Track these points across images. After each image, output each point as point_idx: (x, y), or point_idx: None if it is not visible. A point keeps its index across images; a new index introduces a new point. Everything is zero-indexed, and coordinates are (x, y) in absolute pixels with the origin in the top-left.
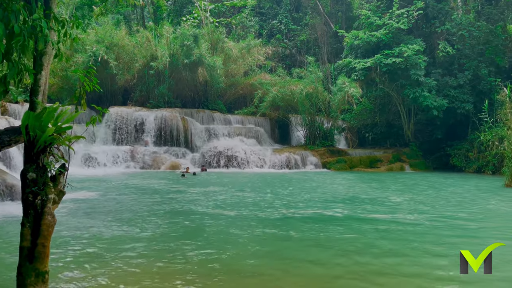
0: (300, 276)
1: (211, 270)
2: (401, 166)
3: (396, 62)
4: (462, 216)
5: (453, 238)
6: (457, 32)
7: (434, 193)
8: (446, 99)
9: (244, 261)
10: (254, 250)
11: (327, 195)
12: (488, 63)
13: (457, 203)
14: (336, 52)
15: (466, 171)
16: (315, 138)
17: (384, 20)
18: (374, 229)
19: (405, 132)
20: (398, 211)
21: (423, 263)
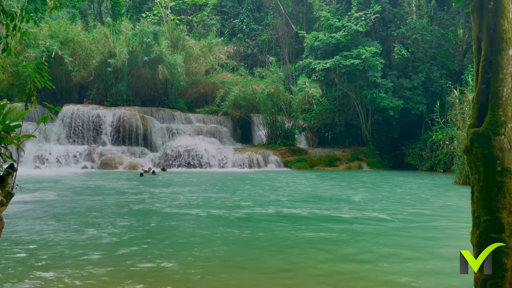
0: (262, 274)
1: (163, 276)
2: (359, 165)
3: (355, 64)
4: (426, 212)
5: (423, 234)
6: (411, 35)
7: (393, 191)
8: (401, 100)
9: (200, 263)
10: (217, 251)
11: (291, 194)
12: (439, 66)
13: (416, 200)
14: (297, 52)
15: (419, 169)
16: (276, 138)
17: (343, 22)
18: (341, 227)
19: (363, 132)
20: (363, 209)
21: (401, 261)
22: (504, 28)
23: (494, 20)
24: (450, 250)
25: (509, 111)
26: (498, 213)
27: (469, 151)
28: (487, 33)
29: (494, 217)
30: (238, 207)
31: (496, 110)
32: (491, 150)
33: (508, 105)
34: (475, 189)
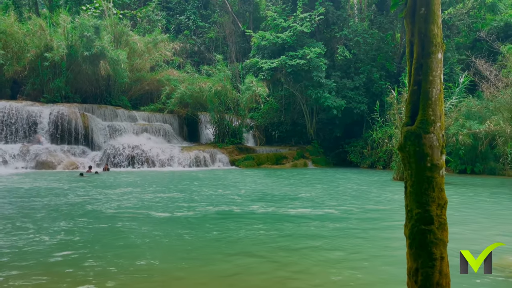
0: (209, 273)
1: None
2: (305, 163)
3: (300, 64)
4: (372, 207)
5: (374, 227)
6: (353, 38)
7: (338, 187)
8: (344, 100)
9: (146, 268)
10: (163, 254)
11: (241, 192)
12: (379, 68)
13: (360, 195)
14: (244, 51)
15: (361, 167)
16: (224, 136)
17: (289, 22)
18: (295, 224)
19: (308, 131)
20: (314, 206)
21: (359, 258)
22: (434, 33)
23: (425, 25)
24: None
25: (438, 111)
26: (428, 206)
27: (403, 149)
28: (419, 38)
29: (424, 210)
30: (188, 207)
31: (427, 110)
32: (422, 147)
33: (437, 105)
34: (408, 184)
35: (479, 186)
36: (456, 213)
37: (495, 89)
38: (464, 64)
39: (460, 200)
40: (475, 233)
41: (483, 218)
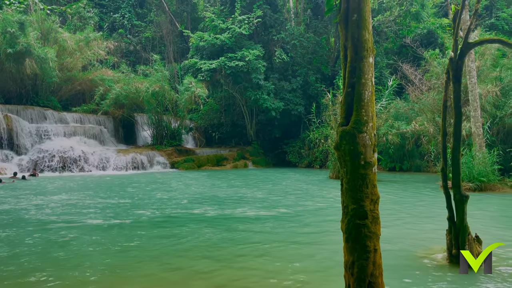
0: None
1: None
2: (245, 163)
3: (239, 66)
4: (310, 204)
5: (316, 222)
6: (290, 41)
7: (280, 187)
8: (282, 101)
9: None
10: (99, 260)
11: (185, 195)
12: (315, 71)
13: (301, 194)
14: (182, 51)
15: (299, 166)
16: (162, 138)
17: (227, 24)
18: (243, 225)
19: (248, 132)
20: (258, 206)
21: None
22: (365, 38)
23: (357, 31)
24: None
25: (370, 112)
26: (363, 202)
27: (338, 148)
28: (352, 42)
29: (359, 206)
30: (128, 213)
31: (360, 110)
32: (356, 146)
33: (369, 106)
34: (344, 181)
35: (407, 182)
36: (390, 207)
37: (420, 92)
38: (392, 68)
39: (392, 195)
40: (407, 225)
41: (412, 211)
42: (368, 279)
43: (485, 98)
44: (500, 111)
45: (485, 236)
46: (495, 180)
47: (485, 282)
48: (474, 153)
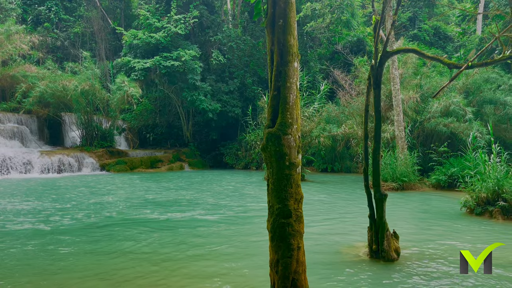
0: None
1: None
2: (181, 166)
3: (175, 66)
4: (250, 205)
5: (252, 223)
6: (227, 43)
7: (217, 188)
8: (219, 103)
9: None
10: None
11: (114, 199)
12: (252, 73)
13: (238, 195)
14: (115, 49)
15: (236, 168)
16: (92, 139)
17: (162, 23)
18: (180, 228)
19: (184, 133)
20: (193, 209)
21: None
22: (290, 43)
23: (283, 36)
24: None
25: (294, 115)
26: (287, 201)
27: (265, 149)
28: (278, 47)
29: (284, 205)
30: (57, 218)
31: (285, 113)
32: (281, 147)
33: (294, 109)
34: (270, 181)
35: (337, 182)
36: (319, 206)
37: (350, 96)
38: (325, 73)
39: (322, 195)
40: (338, 220)
41: (339, 209)
42: (292, 276)
43: (407, 103)
44: (420, 116)
45: (402, 231)
46: (415, 180)
47: (402, 273)
48: (397, 154)
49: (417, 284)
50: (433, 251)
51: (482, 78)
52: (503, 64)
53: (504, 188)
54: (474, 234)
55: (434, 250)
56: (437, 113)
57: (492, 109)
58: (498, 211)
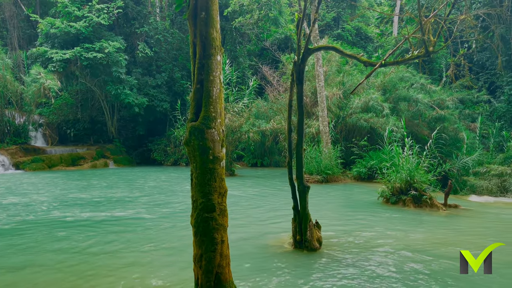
0: None
1: None
2: (105, 163)
3: (97, 57)
4: (176, 202)
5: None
6: (154, 35)
7: (144, 186)
8: (146, 97)
9: None
10: None
11: (36, 198)
12: (181, 67)
13: (168, 192)
14: (29, 38)
15: (165, 164)
16: (4, 135)
17: (83, 12)
18: (104, 228)
19: (109, 129)
20: (123, 207)
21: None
22: (213, 36)
23: (205, 29)
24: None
25: (218, 108)
26: (211, 196)
27: (188, 143)
28: (200, 40)
29: (207, 199)
30: None
31: (208, 107)
32: (205, 141)
33: (218, 103)
34: (194, 176)
35: (266, 176)
36: (248, 200)
37: (277, 92)
38: (254, 69)
39: (251, 189)
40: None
41: (267, 203)
42: (216, 270)
43: (331, 100)
44: (343, 112)
45: (325, 221)
46: (338, 172)
47: (324, 261)
48: (322, 148)
49: (337, 271)
50: (353, 239)
51: (398, 77)
52: (415, 64)
53: (415, 179)
54: (389, 221)
55: (354, 238)
56: (358, 109)
57: (406, 105)
58: (410, 200)
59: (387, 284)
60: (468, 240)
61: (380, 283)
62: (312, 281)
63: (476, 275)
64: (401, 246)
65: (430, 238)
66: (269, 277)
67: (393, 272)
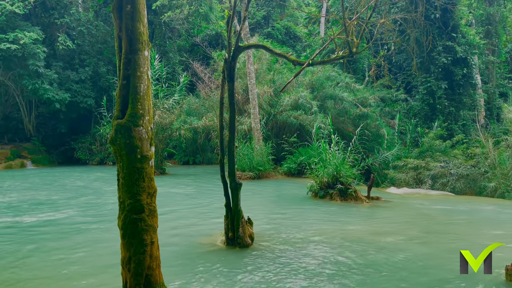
0: None
1: None
2: (22, 163)
3: (12, 49)
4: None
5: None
6: (76, 27)
7: (76, 187)
8: (68, 93)
9: None
10: None
11: None
12: (106, 62)
13: (103, 193)
14: None
15: (90, 164)
16: None
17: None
18: (24, 233)
19: (26, 126)
20: (49, 210)
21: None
22: (140, 31)
23: (131, 23)
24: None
25: (146, 105)
26: (139, 196)
27: (114, 142)
28: (126, 34)
29: (135, 200)
30: None
31: (136, 104)
32: (132, 140)
33: (146, 99)
34: (120, 176)
35: (198, 174)
36: (180, 199)
37: (209, 89)
38: (185, 65)
39: (183, 188)
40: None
41: (200, 201)
42: (146, 272)
43: (262, 97)
44: (274, 109)
45: (257, 217)
46: (270, 168)
47: (255, 257)
48: (254, 145)
49: (268, 265)
50: (283, 233)
51: (325, 76)
52: (341, 64)
53: (341, 173)
54: (318, 215)
55: (284, 232)
56: (288, 107)
57: (333, 103)
58: (337, 193)
59: (317, 276)
60: (391, 230)
61: (309, 275)
62: (243, 277)
63: (406, 263)
64: (330, 238)
65: (356, 229)
66: (200, 275)
67: (322, 263)
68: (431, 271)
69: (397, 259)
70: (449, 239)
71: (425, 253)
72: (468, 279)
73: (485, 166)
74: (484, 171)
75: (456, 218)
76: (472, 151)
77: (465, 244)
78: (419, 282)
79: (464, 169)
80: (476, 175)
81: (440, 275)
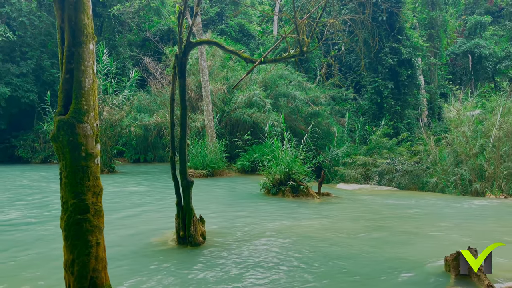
0: None
1: None
2: None
3: None
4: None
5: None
6: (18, 18)
7: (18, 187)
8: (8, 87)
9: None
10: None
11: None
12: (50, 55)
13: (49, 192)
14: None
15: (33, 162)
16: None
17: None
18: None
19: None
20: None
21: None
22: (84, 22)
23: (75, 13)
24: None
25: (91, 101)
26: (84, 196)
27: (56, 139)
28: (69, 25)
29: (80, 200)
30: None
31: (80, 99)
32: (76, 137)
33: (90, 95)
34: (63, 175)
35: (150, 173)
36: (130, 198)
37: (161, 85)
38: (135, 60)
39: (133, 186)
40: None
41: (151, 200)
42: (90, 274)
43: (216, 94)
44: (228, 107)
45: (210, 215)
46: (224, 166)
47: (207, 255)
48: (207, 143)
49: (221, 263)
50: (236, 231)
51: (278, 74)
52: (293, 63)
53: (293, 170)
54: (270, 211)
55: (237, 230)
56: (242, 104)
57: (285, 101)
58: (289, 190)
59: (269, 272)
60: (342, 225)
61: (263, 271)
62: (194, 276)
63: (358, 253)
64: (283, 234)
65: (309, 224)
66: (150, 276)
67: (277, 259)
68: (385, 263)
69: (348, 253)
70: (396, 232)
71: (374, 246)
72: (411, 270)
73: (427, 163)
74: (427, 167)
75: (403, 211)
76: (415, 148)
77: (410, 237)
78: (364, 273)
79: (409, 166)
80: (419, 171)
81: (387, 266)
